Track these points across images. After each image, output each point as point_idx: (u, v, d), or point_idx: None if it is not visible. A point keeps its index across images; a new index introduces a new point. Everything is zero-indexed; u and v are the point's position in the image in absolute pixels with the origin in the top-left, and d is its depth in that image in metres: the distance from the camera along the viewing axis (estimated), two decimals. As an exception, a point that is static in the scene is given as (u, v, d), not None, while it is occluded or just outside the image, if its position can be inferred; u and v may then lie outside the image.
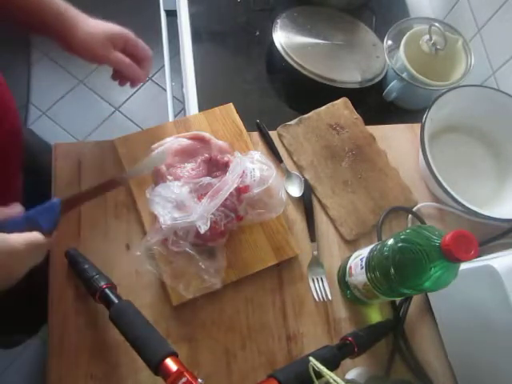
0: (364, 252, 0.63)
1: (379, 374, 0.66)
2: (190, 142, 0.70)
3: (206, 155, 0.69)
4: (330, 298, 0.70)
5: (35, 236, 0.49)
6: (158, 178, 0.68)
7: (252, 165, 0.65)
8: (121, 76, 0.69)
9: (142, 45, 0.68)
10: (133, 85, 0.70)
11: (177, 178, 0.66)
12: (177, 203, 0.61)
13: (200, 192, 0.64)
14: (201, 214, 0.59)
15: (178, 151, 0.69)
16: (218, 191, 0.61)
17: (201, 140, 0.71)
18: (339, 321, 0.69)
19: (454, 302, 0.66)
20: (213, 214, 0.61)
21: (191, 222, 0.59)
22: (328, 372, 0.47)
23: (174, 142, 0.69)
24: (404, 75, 0.87)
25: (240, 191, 0.64)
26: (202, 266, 0.64)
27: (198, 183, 0.64)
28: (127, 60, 0.66)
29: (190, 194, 0.63)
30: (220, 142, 0.71)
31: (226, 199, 0.62)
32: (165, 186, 0.63)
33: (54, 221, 0.53)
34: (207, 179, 0.65)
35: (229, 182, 0.62)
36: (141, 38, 0.68)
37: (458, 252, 0.48)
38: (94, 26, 0.64)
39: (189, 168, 0.68)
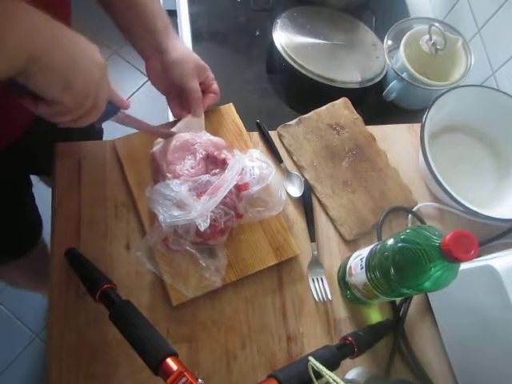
0: (364, 252, 0.63)
1: (379, 374, 0.66)
2: (187, 138, 0.70)
3: (204, 152, 0.69)
4: (330, 297, 0.70)
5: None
6: (157, 175, 0.68)
7: (251, 163, 0.65)
8: (181, 105, 0.73)
9: (216, 84, 0.74)
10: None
11: (176, 176, 0.66)
12: (176, 201, 0.61)
13: (199, 190, 0.64)
14: (200, 212, 0.59)
15: (177, 148, 0.69)
16: (218, 189, 0.61)
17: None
18: (339, 321, 0.69)
19: (453, 302, 0.66)
20: (212, 211, 0.61)
21: (191, 219, 0.59)
22: (328, 372, 0.47)
23: (172, 139, 0.69)
24: (404, 75, 0.87)
25: (239, 188, 0.64)
26: (203, 264, 0.64)
27: (196, 181, 0.64)
28: (200, 93, 0.70)
29: (189, 192, 0.63)
30: (215, 139, 0.71)
31: (226, 197, 0.62)
32: (164, 184, 0.63)
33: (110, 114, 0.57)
34: (206, 177, 0.65)
35: (228, 180, 0.62)
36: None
37: (457, 252, 0.48)
38: (185, 51, 0.69)
39: (188, 166, 0.68)
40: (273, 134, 0.81)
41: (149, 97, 1.80)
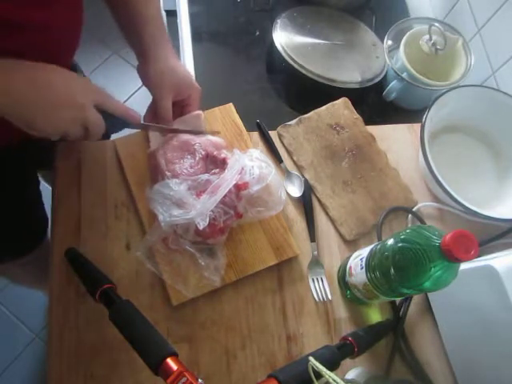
0: (364, 252, 0.63)
1: (379, 374, 0.66)
2: (187, 138, 0.70)
3: (203, 152, 0.69)
4: (330, 297, 0.70)
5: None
6: (156, 174, 0.68)
7: (251, 162, 0.65)
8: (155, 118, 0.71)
9: (197, 104, 0.72)
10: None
11: (175, 175, 0.66)
12: (175, 200, 0.61)
13: (199, 189, 0.64)
14: (200, 211, 0.59)
15: (177, 147, 0.69)
16: (217, 188, 0.61)
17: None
18: (339, 321, 0.69)
19: (454, 302, 0.65)
20: (212, 210, 0.61)
21: (190, 218, 0.59)
22: (327, 372, 0.47)
23: (172, 139, 0.69)
24: (404, 75, 0.87)
25: (239, 188, 0.64)
26: (202, 264, 0.64)
27: (196, 180, 0.64)
28: (169, 112, 0.68)
29: (188, 191, 0.63)
30: (214, 139, 0.71)
31: (225, 196, 0.62)
32: (163, 183, 0.63)
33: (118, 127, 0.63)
34: (205, 176, 0.65)
35: (227, 179, 0.62)
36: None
37: (457, 252, 0.48)
38: (169, 65, 0.67)
39: (187, 165, 0.68)
40: (273, 134, 0.81)
41: (149, 97, 1.80)
